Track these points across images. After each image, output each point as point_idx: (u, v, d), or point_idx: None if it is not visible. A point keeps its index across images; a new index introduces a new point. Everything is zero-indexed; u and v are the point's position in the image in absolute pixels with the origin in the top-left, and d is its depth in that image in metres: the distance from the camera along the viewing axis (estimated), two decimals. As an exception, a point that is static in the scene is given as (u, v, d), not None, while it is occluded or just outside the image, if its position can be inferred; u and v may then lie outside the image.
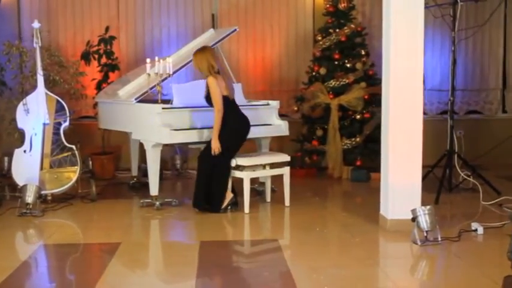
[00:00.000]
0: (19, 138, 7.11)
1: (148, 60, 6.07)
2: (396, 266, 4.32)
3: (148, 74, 6.05)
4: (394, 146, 5.09)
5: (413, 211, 4.79)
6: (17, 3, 8.03)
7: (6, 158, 7.75)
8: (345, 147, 7.52)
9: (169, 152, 7.80)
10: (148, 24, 8.22)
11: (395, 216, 5.09)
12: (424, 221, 4.72)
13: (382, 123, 5.26)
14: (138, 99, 6.10)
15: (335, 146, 7.50)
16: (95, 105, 7.58)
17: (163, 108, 5.80)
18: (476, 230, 5.00)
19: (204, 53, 5.80)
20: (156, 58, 6.00)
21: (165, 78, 6.07)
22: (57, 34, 8.03)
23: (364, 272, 4.18)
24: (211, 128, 5.72)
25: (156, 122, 5.78)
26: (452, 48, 6.38)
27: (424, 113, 6.24)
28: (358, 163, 7.49)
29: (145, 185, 6.96)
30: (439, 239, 4.74)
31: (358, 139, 7.52)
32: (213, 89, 5.61)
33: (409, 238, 4.79)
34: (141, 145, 6.92)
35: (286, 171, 6.03)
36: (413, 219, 4.76)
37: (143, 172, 7.36)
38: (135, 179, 7.16)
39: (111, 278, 4.05)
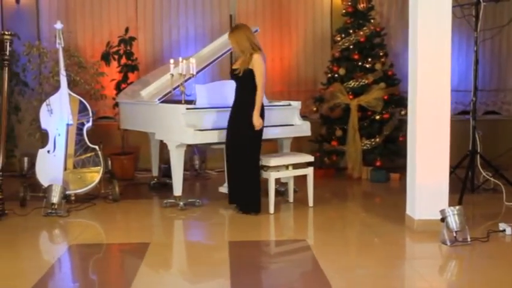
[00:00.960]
0: (40, 138, 7.16)
1: (172, 60, 6.07)
2: (429, 266, 4.31)
3: (172, 74, 6.05)
4: (421, 146, 5.09)
5: (442, 211, 4.79)
6: (36, 5, 8.05)
7: (26, 159, 7.81)
8: (365, 147, 7.51)
9: (187, 152, 7.79)
10: (167, 25, 8.23)
11: (423, 216, 5.09)
12: (454, 221, 4.72)
13: (409, 123, 5.26)
14: (161, 100, 6.10)
15: (355, 147, 7.50)
16: (115, 105, 7.62)
17: (187, 109, 5.80)
18: (504, 231, 4.99)
19: (242, 30, 5.74)
20: (180, 58, 5.99)
21: (189, 79, 6.08)
22: (76, 35, 8.04)
23: (397, 272, 4.20)
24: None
25: (181, 123, 5.79)
26: (475, 49, 6.36)
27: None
28: (378, 163, 7.49)
29: (166, 186, 7.07)
30: (469, 239, 4.74)
31: (377, 139, 7.52)
32: (261, 67, 5.58)
33: (438, 238, 4.79)
34: (162, 145, 6.98)
35: (310, 171, 6.04)
36: (443, 219, 4.76)
37: (163, 172, 7.41)
38: (155, 180, 7.17)
39: (145, 279, 4.06)
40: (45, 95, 7.57)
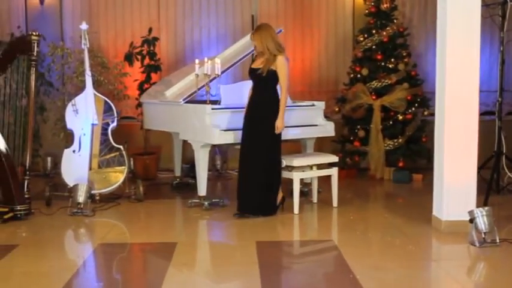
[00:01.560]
0: (64, 138, 7.21)
1: (197, 60, 6.09)
2: (459, 268, 4.30)
3: (197, 75, 6.06)
4: (449, 147, 5.06)
5: (471, 212, 4.76)
6: (59, 5, 8.11)
7: (49, 158, 7.87)
8: (387, 148, 7.48)
9: (209, 152, 7.81)
10: (189, 26, 8.26)
11: (450, 217, 5.06)
12: (482, 222, 4.69)
13: (436, 123, 5.24)
14: (186, 100, 6.12)
15: (377, 147, 7.47)
16: (137, 106, 7.65)
17: (213, 109, 5.81)
18: (533, 232, 4.96)
19: (267, 29, 5.70)
20: (205, 59, 6.00)
21: (213, 79, 6.09)
22: (99, 35, 8.08)
23: (427, 273, 4.18)
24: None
25: (206, 123, 5.80)
26: (501, 49, 6.31)
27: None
28: (401, 164, 7.45)
29: (189, 185, 7.09)
30: (497, 240, 4.70)
31: (400, 140, 7.49)
32: (286, 68, 5.57)
33: (466, 239, 4.76)
34: (184, 145, 7.01)
35: (334, 172, 6.03)
36: (471, 220, 4.73)
37: (186, 172, 7.44)
38: (178, 179, 7.19)
39: (175, 278, 4.07)
40: (68, 95, 7.64)
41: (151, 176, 7.68)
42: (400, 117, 7.51)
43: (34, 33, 5.72)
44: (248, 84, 6.03)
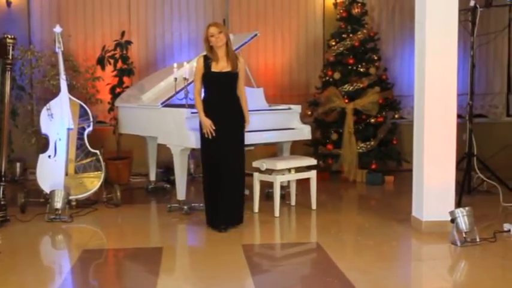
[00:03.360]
0: (36, 143, 7.07)
1: (175, 64, 6.07)
2: (444, 266, 4.40)
3: (176, 78, 6.04)
4: (428, 148, 5.17)
5: (452, 213, 4.88)
6: (27, 8, 7.95)
7: (18, 164, 7.70)
8: (360, 150, 7.60)
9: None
10: (160, 30, 8.20)
11: (430, 218, 5.18)
12: (463, 222, 4.83)
13: (415, 125, 5.35)
14: (164, 104, 6.09)
15: (350, 150, 7.58)
16: (110, 110, 7.56)
17: (192, 113, 5.80)
18: (509, 231, 5.11)
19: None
20: (184, 62, 5.99)
21: (191, 82, 6.07)
22: (68, 39, 7.94)
23: (416, 271, 4.28)
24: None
25: (185, 127, 5.77)
26: (471, 53, 6.50)
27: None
28: (374, 166, 7.58)
29: (164, 190, 7.05)
30: (477, 239, 4.84)
31: (372, 143, 7.61)
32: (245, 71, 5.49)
33: (446, 239, 4.88)
34: (159, 150, 6.96)
35: (313, 174, 6.08)
36: (453, 220, 4.85)
37: (160, 177, 7.39)
38: (153, 184, 7.14)
39: (169, 284, 4.05)
40: (37, 99, 7.51)
41: (123, 181, 7.59)
42: (372, 120, 7.64)
43: (9, 36, 5.61)
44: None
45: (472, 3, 6.34)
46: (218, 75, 5.33)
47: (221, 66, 5.33)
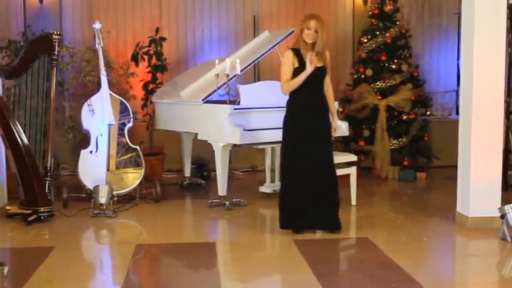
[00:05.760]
0: (73, 139, 7.10)
1: (217, 60, 6.09)
2: (499, 262, 4.44)
3: (217, 74, 6.06)
4: (476, 144, 5.18)
5: (501, 209, 4.91)
6: (59, 4, 7.97)
7: (52, 159, 7.70)
8: (392, 147, 7.62)
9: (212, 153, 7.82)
10: (191, 26, 8.23)
11: (476, 214, 5.20)
12: (513, 218, 4.85)
13: (461, 121, 5.36)
14: (205, 100, 6.11)
15: (383, 146, 7.60)
16: (143, 106, 7.58)
17: (235, 109, 5.82)
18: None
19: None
20: (226, 58, 6.01)
21: (232, 78, 6.09)
22: (106, 35, 7.93)
23: (473, 267, 4.30)
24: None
25: (228, 123, 5.80)
26: (510, 50, 6.51)
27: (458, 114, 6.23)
28: (406, 163, 7.61)
29: (198, 186, 7.08)
30: (527, 235, 4.87)
31: (404, 139, 7.64)
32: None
33: (494, 235, 4.90)
34: (194, 145, 6.99)
35: (353, 171, 6.11)
36: (502, 216, 4.87)
37: (193, 173, 7.42)
38: (188, 180, 7.17)
39: (232, 276, 4.09)
40: (69, 95, 7.55)
41: (157, 177, 7.58)
42: (404, 117, 7.66)
43: (55, 33, 5.64)
44: (268, 85, 6.06)
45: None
46: (315, 70, 4.87)
47: (315, 60, 4.89)
